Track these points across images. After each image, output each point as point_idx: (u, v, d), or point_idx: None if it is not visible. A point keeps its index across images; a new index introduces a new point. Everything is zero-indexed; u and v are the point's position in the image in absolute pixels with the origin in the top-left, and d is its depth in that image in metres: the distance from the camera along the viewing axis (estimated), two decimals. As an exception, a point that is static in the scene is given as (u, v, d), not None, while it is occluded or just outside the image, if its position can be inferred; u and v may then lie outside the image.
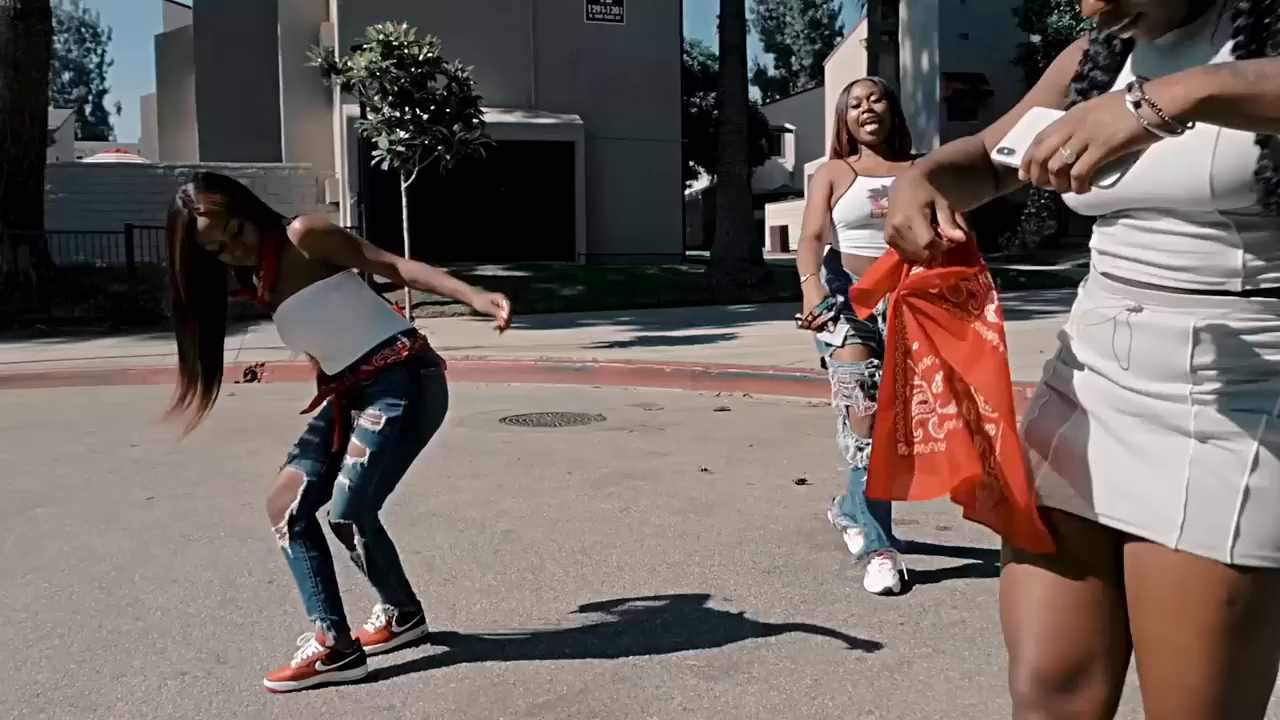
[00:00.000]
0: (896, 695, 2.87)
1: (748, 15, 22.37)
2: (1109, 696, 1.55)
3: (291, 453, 3.13)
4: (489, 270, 18.07)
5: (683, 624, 3.44)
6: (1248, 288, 1.35)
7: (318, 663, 3.00)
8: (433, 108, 11.41)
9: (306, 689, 2.96)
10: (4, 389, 9.85)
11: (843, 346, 3.78)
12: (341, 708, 2.87)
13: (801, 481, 5.29)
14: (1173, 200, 1.36)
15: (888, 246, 1.51)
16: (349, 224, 18.39)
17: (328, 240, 3.05)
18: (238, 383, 9.76)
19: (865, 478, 3.67)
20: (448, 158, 11.36)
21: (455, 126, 11.29)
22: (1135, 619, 1.46)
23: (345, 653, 3.03)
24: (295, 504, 3.03)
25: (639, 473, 5.63)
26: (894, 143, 3.84)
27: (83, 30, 71.93)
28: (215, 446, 6.56)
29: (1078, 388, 1.51)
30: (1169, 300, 1.38)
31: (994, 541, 2.46)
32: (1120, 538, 1.47)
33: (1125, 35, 1.45)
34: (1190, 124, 1.19)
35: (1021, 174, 1.29)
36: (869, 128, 3.79)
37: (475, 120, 11.64)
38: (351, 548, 3.07)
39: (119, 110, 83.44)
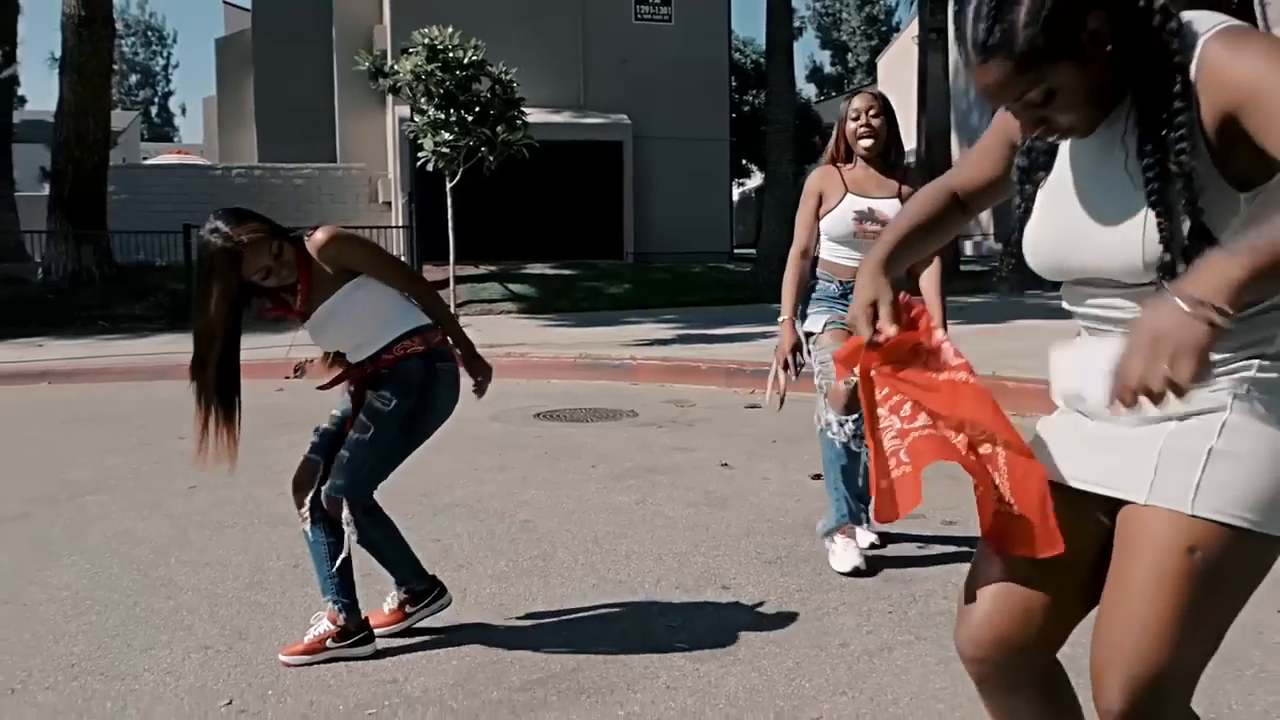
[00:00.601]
0: (872, 678, 3.01)
1: (804, 11, 22.41)
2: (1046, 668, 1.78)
3: (313, 441, 3.31)
4: (537, 269, 18.33)
5: (678, 609, 3.60)
6: None
7: (328, 640, 3.20)
8: (477, 109, 11.65)
9: (317, 663, 3.16)
10: (66, 383, 10.25)
11: (822, 332, 3.99)
12: (348, 680, 3.07)
13: (817, 476, 5.39)
14: (1112, 273, 1.59)
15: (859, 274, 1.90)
16: (401, 223, 18.75)
17: (347, 250, 3.21)
18: (287, 378, 10.02)
19: (837, 451, 3.92)
20: (490, 159, 11.59)
21: (498, 128, 11.51)
22: (1110, 567, 1.63)
23: (354, 632, 3.23)
24: (314, 492, 3.24)
25: (661, 467, 5.80)
26: (888, 156, 3.99)
27: (149, 33, 73.57)
28: (259, 439, 6.80)
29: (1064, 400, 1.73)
30: (1105, 338, 1.63)
31: None
32: (1110, 519, 1.65)
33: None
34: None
35: (1114, 411, 1.44)
36: (865, 143, 3.95)
37: (519, 122, 11.85)
38: (346, 524, 3.18)
39: (184, 112, 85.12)
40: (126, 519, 4.92)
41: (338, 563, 3.22)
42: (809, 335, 4.04)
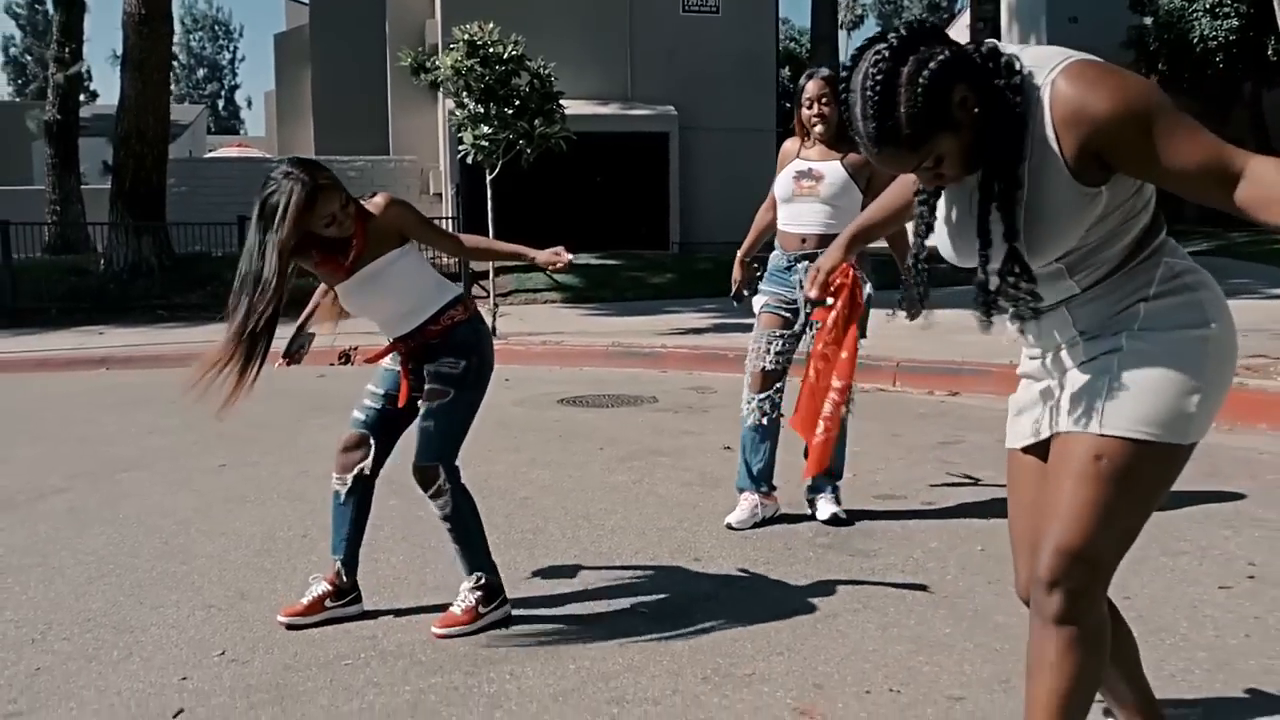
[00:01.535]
0: (811, 641, 3.23)
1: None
2: None
3: (357, 416, 3.52)
4: (582, 259, 18.59)
5: (649, 578, 3.85)
6: (1082, 288, 1.97)
7: (326, 600, 3.47)
8: (517, 103, 11.91)
9: (313, 624, 3.43)
10: (123, 369, 10.73)
11: (760, 314, 4.41)
12: (331, 635, 3.36)
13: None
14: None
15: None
16: (449, 214, 19.13)
17: (405, 214, 3.44)
18: (332, 365, 10.40)
19: (747, 427, 4.26)
20: (528, 151, 11.86)
21: (536, 121, 11.77)
22: (1046, 479, 2.03)
23: (348, 591, 3.50)
24: (369, 463, 3.46)
25: (666, 449, 6.03)
26: (843, 134, 4.21)
27: (215, 27, 75.10)
28: (292, 422, 7.19)
29: (1032, 370, 2.14)
30: (1051, 308, 2.01)
31: (967, 518, 2.82)
32: None
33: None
34: None
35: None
36: (818, 128, 4.25)
37: (556, 115, 12.11)
38: (437, 495, 3.35)
39: (249, 105, 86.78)
40: (157, 493, 5.28)
41: (354, 528, 3.50)
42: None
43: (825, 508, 4.38)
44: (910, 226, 2.22)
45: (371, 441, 3.47)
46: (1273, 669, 2.93)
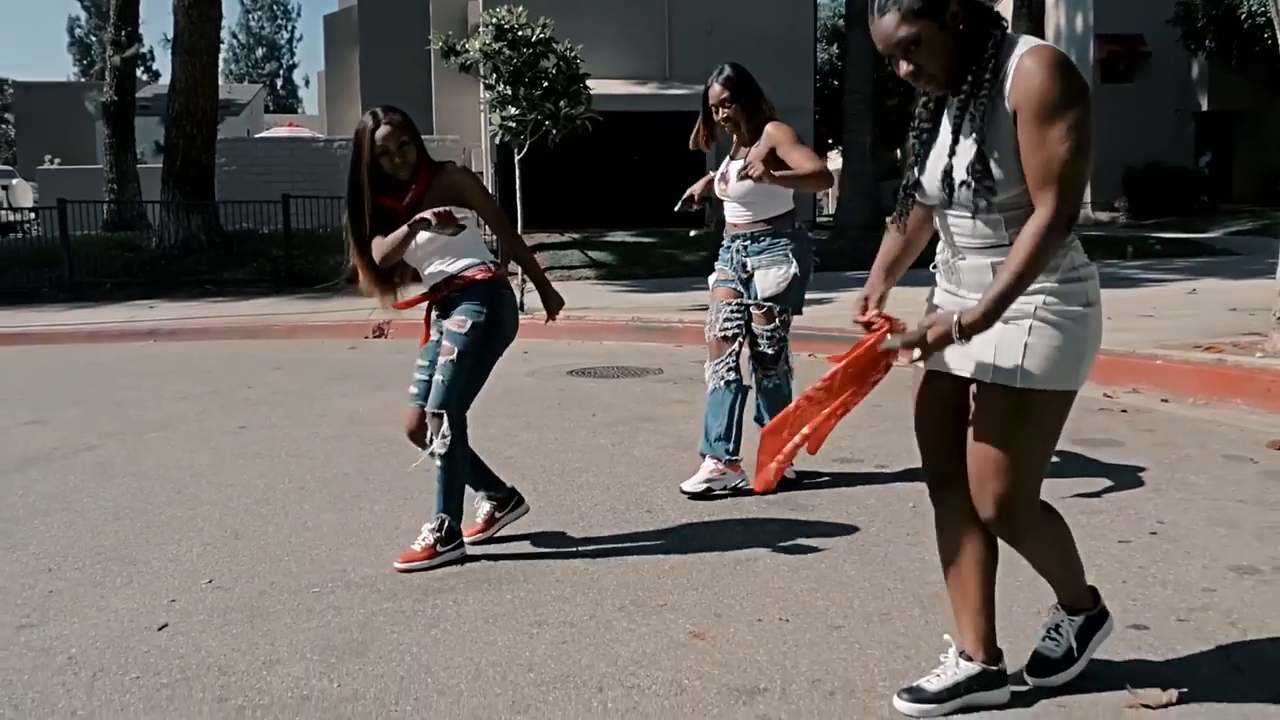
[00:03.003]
0: (726, 579, 3.61)
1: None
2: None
3: (412, 390, 3.96)
4: (617, 236, 18.98)
5: (600, 526, 4.25)
6: (1010, 243, 2.37)
7: (437, 545, 3.82)
8: (545, 84, 12.30)
9: (432, 568, 3.78)
10: (169, 340, 11.34)
11: (713, 290, 4.81)
12: (305, 569, 3.81)
13: (786, 426, 5.96)
14: (931, 199, 2.53)
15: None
16: (490, 191, 19.60)
17: (468, 182, 3.95)
18: (366, 338, 10.89)
19: (710, 396, 4.59)
20: (554, 132, 12.23)
21: (561, 103, 12.14)
22: (971, 424, 2.51)
23: (456, 536, 3.87)
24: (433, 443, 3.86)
25: (653, 416, 6.41)
26: (752, 128, 4.63)
27: (274, 6, 76.29)
28: (315, 389, 7.68)
29: (942, 301, 2.58)
30: (976, 255, 2.47)
31: (911, 481, 3.23)
32: (969, 384, 2.53)
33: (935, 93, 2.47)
34: None
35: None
36: (726, 126, 4.63)
37: (582, 96, 12.47)
38: (440, 435, 3.76)
39: (306, 84, 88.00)
40: (178, 450, 5.78)
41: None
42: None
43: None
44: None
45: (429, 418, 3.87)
46: (1133, 609, 3.25)
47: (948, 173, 2.42)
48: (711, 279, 4.89)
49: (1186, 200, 25.75)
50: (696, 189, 4.91)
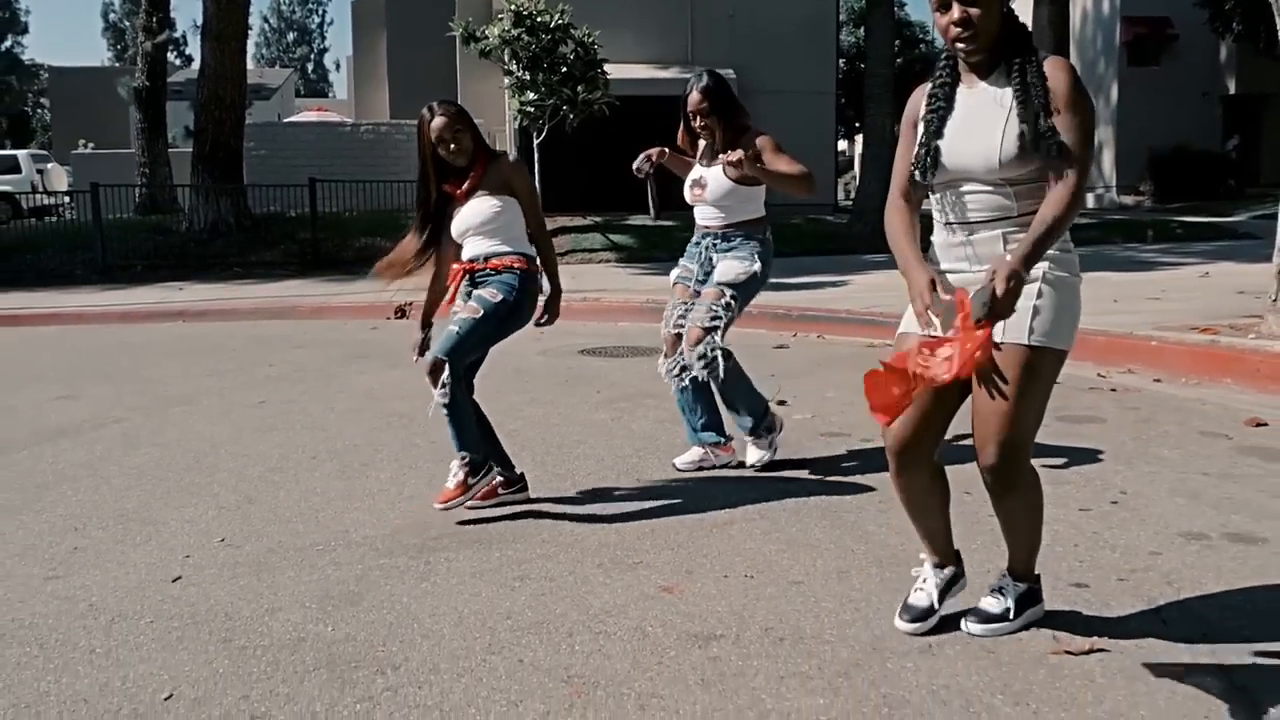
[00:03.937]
0: (701, 540, 3.85)
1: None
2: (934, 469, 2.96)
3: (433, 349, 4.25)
4: (638, 219, 19.21)
5: (591, 493, 4.50)
6: (1019, 215, 2.70)
7: (499, 488, 4.30)
8: (563, 70, 12.55)
9: (487, 507, 4.22)
10: (197, 321, 11.68)
11: (673, 285, 4.95)
12: (311, 529, 4.09)
13: (781, 403, 6.19)
14: (973, 172, 2.71)
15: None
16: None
17: (520, 174, 4.30)
18: (388, 319, 11.17)
19: (679, 394, 4.79)
20: (572, 116, 12.48)
21: (579, 88, 12.37)
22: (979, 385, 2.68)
23: (515, 480, 4.35)
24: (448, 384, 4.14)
25: (655, 394, 6.62)
26: (727, 138, 4.67)
27: (306, -8, 76.80)
28: (334, 367, 7.97)
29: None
30: (987, 228, 2.74)
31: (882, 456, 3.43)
32: None
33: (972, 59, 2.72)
34: None
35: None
36: (702, 134, 4.77)
37: (599, 81, 12.70)
38: (441, 385, 4.04)
39: (337, 68, 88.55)
40: (200, 423, 6.08)
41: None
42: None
43: (753, 452, 4.90)
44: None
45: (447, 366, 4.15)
46: (1078, 569, 3.46)
47: (1024, 131, 2.61)
48: (673, 274, 4.99)
49: (1213, 184, 25.64)
50: (654, 152, 4.93)
